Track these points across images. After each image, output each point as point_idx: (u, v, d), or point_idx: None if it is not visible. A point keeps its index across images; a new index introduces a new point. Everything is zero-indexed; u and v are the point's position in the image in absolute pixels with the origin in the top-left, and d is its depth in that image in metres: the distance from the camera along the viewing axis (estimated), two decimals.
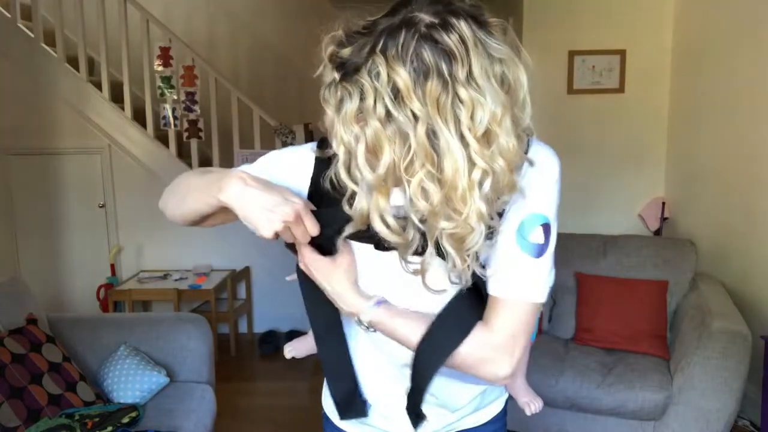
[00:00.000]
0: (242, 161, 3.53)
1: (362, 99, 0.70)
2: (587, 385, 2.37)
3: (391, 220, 0.74)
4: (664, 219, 3.69)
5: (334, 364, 1.01)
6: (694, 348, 2.25)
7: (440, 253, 0.76)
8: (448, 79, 0.68)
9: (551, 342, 2.71)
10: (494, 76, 0.70)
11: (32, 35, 3.92)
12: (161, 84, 4.04)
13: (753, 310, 2.69)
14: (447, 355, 0.85)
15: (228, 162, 4.19)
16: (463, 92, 0.68)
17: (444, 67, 0.68)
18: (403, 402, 0.98)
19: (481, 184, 0.71)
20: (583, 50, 3.69)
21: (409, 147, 0.70)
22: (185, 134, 4.09)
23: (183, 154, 4.23)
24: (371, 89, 0.69)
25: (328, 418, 1.13)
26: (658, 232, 3.71)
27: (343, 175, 0.76)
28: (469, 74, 0.69)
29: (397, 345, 0.91)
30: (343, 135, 0.73)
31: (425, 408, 0.96)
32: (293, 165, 0.91)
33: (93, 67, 4.47)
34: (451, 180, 0.69)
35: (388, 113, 0.69)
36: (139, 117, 4.08)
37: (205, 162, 4.33)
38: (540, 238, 0.83)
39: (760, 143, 2.74)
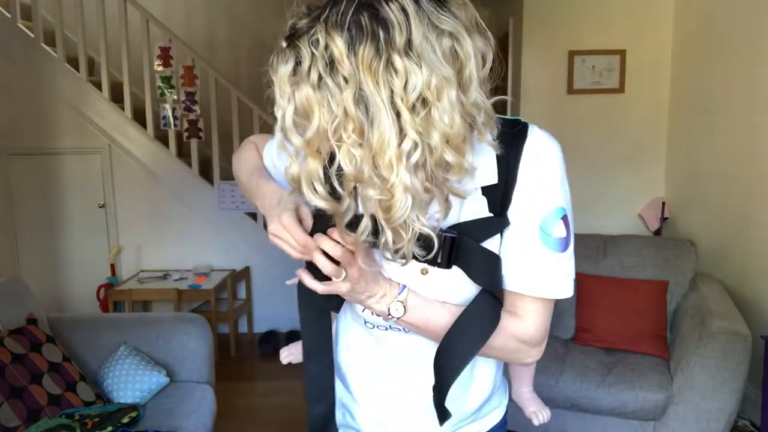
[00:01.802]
0: None
1: (298, 63, 0.70)
2: (587, 385, 2.37)
3: (318, 186, 0.73)
4: (664, 219, 3.69)
5: (319, 381, 0.98)
6: (694, 348, 2.25)
7: (377, 229, 0.74)
8: (383, 45, 0.67)
9: (551, 342, 2.71)
10: (441, 49, 0.70)
11: (32, 35, 3.93)
12: (161, 84, 4.04)
13: (753, 310, 2.69)
14: (477, 348, 0.85)
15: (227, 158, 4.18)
16: (397, 60, 0.67)
17: (381, 34, 0.68)
18: (404, 419, 0.98)
19: (410, 154, 0.69)
20: (583, 50, 3.69)
21: (338, 112, 0.69)
22: (185, 134, 4.09)
23: (183, 154, 4.22)
24: (308, 55, 0.69)
25: None
26: (658, 232, 3.71)
27: (279, 140, 0.75)
28: (408, 43, 0.68)
29: (414, 343, 0.91)
30: (279, 98, 0.73)
31: (425, 417, 0.96)
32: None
33: (93, 67, 4.47)
34: (379, 147, 0.68)
35: (320, 78, 0.69)
36: (139, 117, 4.08)
37: (206, 162, 4.33)
38: (563, 232, 0.83)
39: (760, 143, 2.74)
